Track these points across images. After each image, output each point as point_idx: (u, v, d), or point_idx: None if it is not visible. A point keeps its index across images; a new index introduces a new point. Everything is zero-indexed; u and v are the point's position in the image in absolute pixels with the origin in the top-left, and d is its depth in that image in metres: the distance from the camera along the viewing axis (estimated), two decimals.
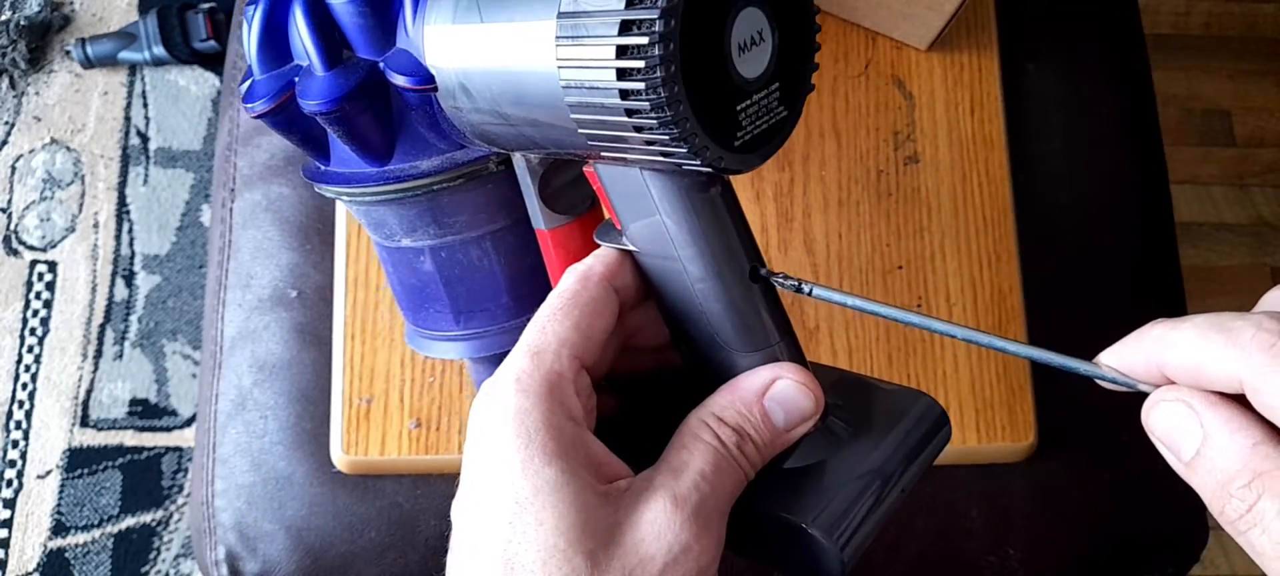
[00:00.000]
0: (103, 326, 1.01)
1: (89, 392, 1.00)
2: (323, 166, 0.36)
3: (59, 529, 0.96)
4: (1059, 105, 0.56)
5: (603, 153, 0.27)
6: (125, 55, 1.06)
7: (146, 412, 0.99)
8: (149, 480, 0.97)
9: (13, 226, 1.04)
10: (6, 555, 0.96)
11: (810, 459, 0.28)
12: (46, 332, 1.01)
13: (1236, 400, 0.22)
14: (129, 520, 0.96)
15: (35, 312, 1.02)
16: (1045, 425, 0.50)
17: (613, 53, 0.24)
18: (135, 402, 0.99)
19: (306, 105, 0.32)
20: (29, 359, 1.01)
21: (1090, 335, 0.54)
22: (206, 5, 1.05)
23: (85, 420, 0.99)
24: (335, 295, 0.50)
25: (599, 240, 0.31)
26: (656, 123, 0.24)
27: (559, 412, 0.25)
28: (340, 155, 0.36)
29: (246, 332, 0.52)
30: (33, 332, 1.01)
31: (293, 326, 0.52)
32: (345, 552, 0.49)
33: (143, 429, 0.99)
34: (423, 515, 0.49)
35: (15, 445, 0.98)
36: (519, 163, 0.32)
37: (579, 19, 0.25)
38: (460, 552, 0.25)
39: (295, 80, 0.33)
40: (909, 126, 0.53)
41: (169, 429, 0.99)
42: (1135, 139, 0.57)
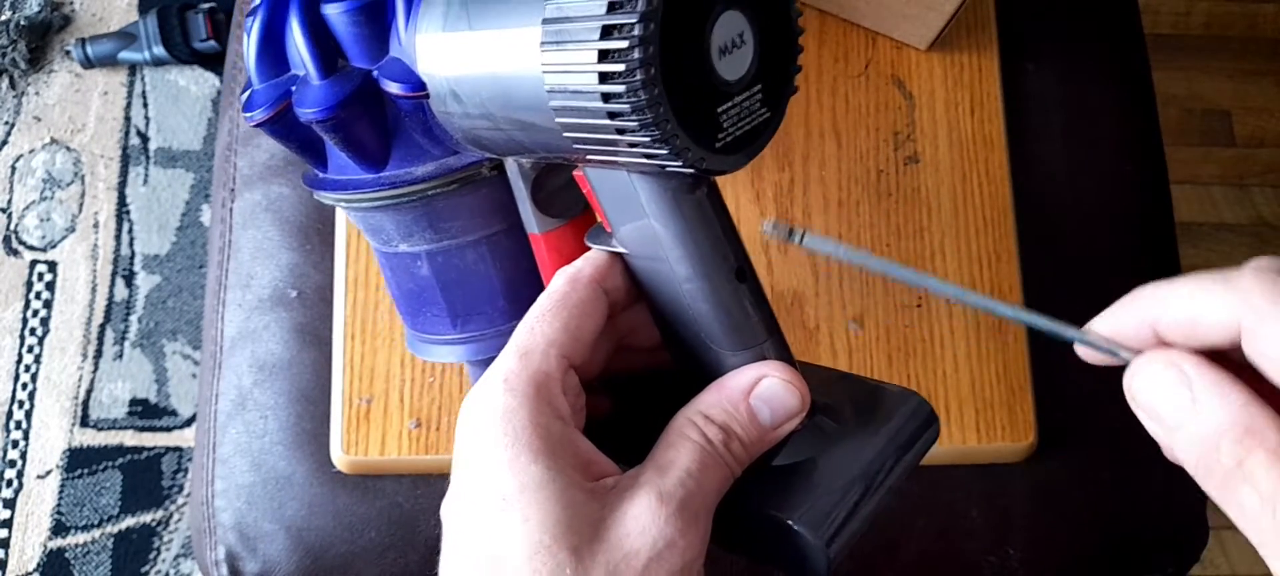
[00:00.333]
0: (103, 326, 1.01)
1: (89, 392, 1.00)
2: (320, 174, 0.37)
3: (59, 529, 0.96)
4: (1059, 105, 0.56)
5: (589, 155, 0.27)
6: (125, 55, 1.06)
7: (146, 412, 0.99)
8: (149, 480, 0.97)
9: (13, 226, 1.04)
10: (6, 555, 0.96)
11: (798, 456, 0.28)
12: (46, 332, 1.01)
13: (1222, 363, 0.23)
14: (129, 520, 0.96)
15: (35, 312, 1.02)
16: (1045, 425, 0.50)
17: (595, 56, 0.24)
18: (135, 402, 1.00)
19: (303, 114, 0.33)
20: (29, 359, 1.01)
21: None
22: (206, 5, 1.05)
23: (85, 420, 0.99)
24: (335, 295, 0.50)
25: (590, 243, 0.31)
26: (638, 125, 0.24)
27: (546, 411, 0.25)
28: (337, 162, 0.36)
29: (246, 333, 0.52)
30: (33, 332, 1.01)
31: (293, 326, 0.52)
32: (345, 552, 0.49)
33: (143, 429, 0.99)
34: (423, 515, 0.49)
35: (15, 445, 0.98)
36: (511, 167, 0.33)
37: (562, 24, 0.25)
38: (449, 550, 0.26)
39: (292, 89, 0.34)
40: (909, 126, 0.53)
41: (169, 429, 0.99)
42: (1135, 139, 0.57)
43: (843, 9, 0.54)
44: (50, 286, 1.03)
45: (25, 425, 0.99)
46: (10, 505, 0.97)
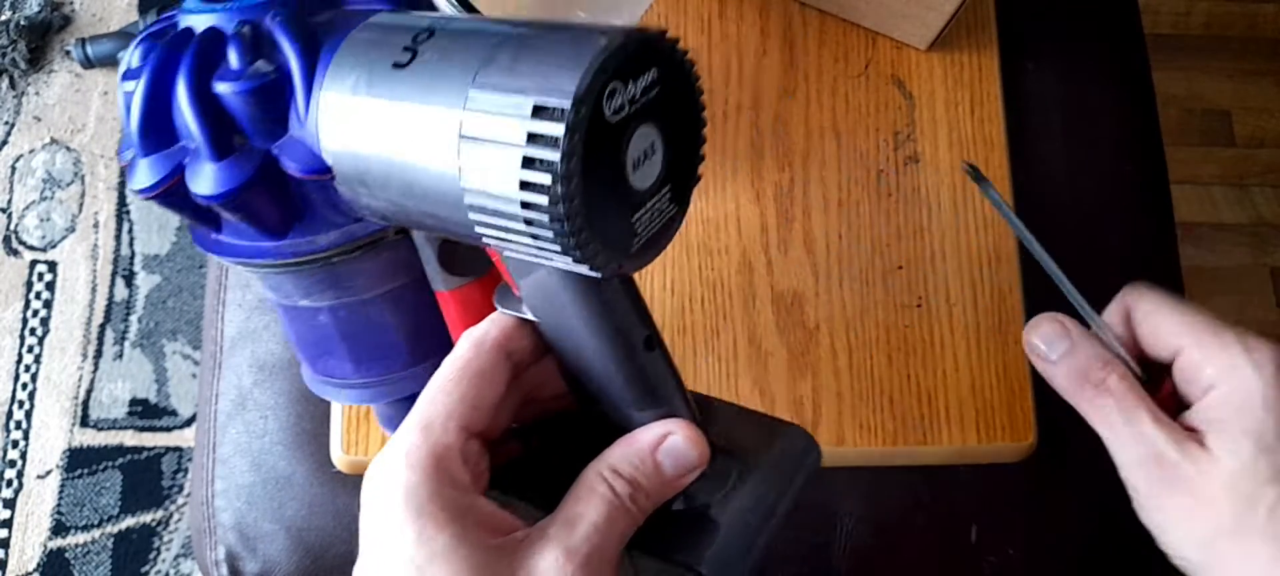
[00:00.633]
0: (103, 326, 1.01)
1: (89, 392, 1.00)
2: (214, 235, 0.35)
3: (59, 529, 0.96)
4: (1059, 105, 0.56)
5: (503, 250, 0.27)
6: (124, 56, 1.06)
7: (146, 412, 0.99)
8: (149, 480, 0.98)
9: (13, 226, 1.04)
10: (6, 555, 0.96)
11: (696, 500, 0.30)
12: (46, 332, 1.01)
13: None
14: (129, 520, 0.97)
15: (35, 312, 1.02)
16: (1045, 425, 0.50)
17: (517, 162, 0.24)
18: (135, 402, 1.00)
19: (198, 194, 0.30)
20: (29, 359, 1.01)
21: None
22: None
23: (85, 420, 0.99)
24: None
25: (498, 305, 0.31)
26: (555, 235, 0.25)
27: (446, 483, 0.26)
28: (233, 228, 0.34)
29: (246, 332, 0.52)
30: (33, 332, 1.01)
31: None
32: (345, 552, 0.49)
33: (143, 429, 0.99)
34: None
35: (15, 445, 0.99)
36: (418, 235, 0.33)
37: (482, 123, 0.25)
38: None
39: (184, 163, 0.31)
40: (909, 126, 0.53)
41: (169, 429, 0.99)
42: (1135, 139, 0.58)
43: (843, 9, 0.54)
44: (50, 286, 1.03)
45: (25, 425, 0.99)
46: (10, 505, 0.97)
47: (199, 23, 0.31)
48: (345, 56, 0.28)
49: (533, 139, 0.24)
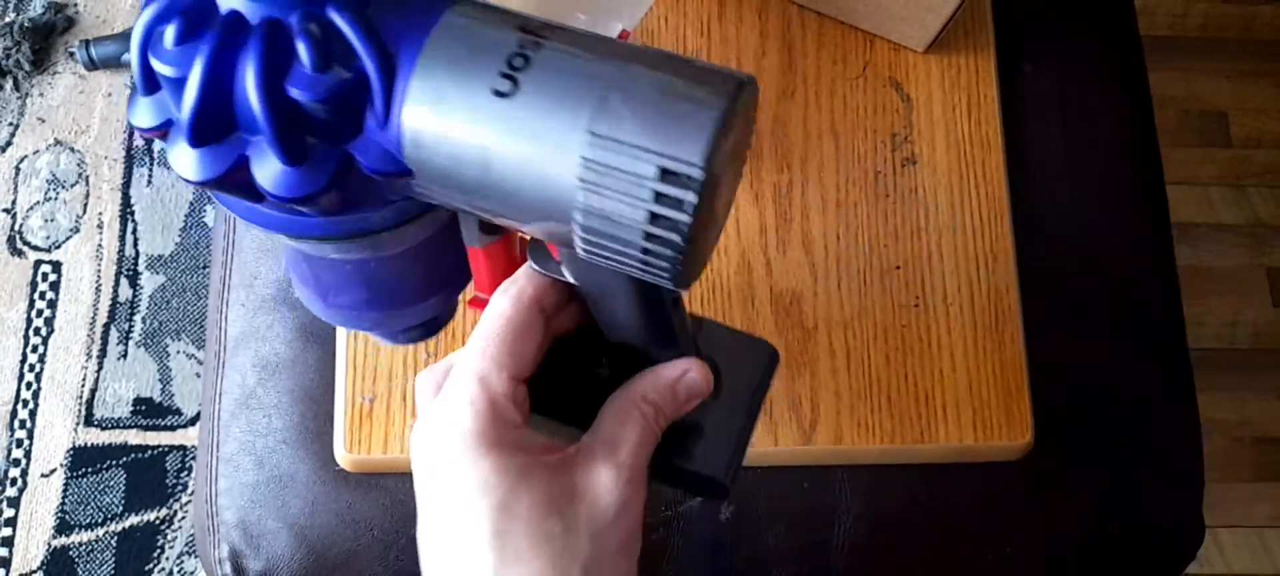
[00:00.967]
0: (107, 326, 1.02)
1: (93, 392, 1.00)
2: (253, 207, 0.33)
3: (63, 527, 0.97)
4: (1056, 106, 0.56)
5: (598, 261, 0.29)
6: (129, 57, 1.06)
7: (150, 412, 1.00)
8: (153, 479, 0.98)
9: (17, 227, 1.05)
10: (11, 553, 0.96)
11: (694, 415, 0.36)
12: (51, 332, 1.02)
13: None
14: (133, 518, 0.97)
15: (40, 312, 1.02)
16: (1042, 424, 0.51)
17: (644, 218, 0.25)
18: (139, 402, 1.00)
19: (269, 193, 0.29)
20: (33, 358, 1.01)
21: (1087, 335, 0.54)
22: None
23: (89, 419, 0.99)
24: None
25: (533, 264, 0.33)
26: (669, 268, 0.27)
27: (507, 424, 0.31)
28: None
29: (250, 332, 0.53)
30: (37, 332, 1.02)
31: (296, 325, 0.52)
32: (348, 550, 0.49)
33: (146, 428, 0.99)
34: None
35: (20, 444, 0.99)
36: None
37: (604, 176, 0.25)
38: (447, 549, 0.30)
39: (246, 155, 0.29)
40: (906, 128, 0.54)
41: (173, 428, 0.99)
42: (1132, 140, 0.58)
43: (841, 11, 0.54)
44: (55, 286, 1.03)
45: (30, 424, 1.00)
46: (15, 504, 0.97)
47: (249, 9, 0.28)
48: (431, 70, 0.27)
49: (661, 198, 0.25)
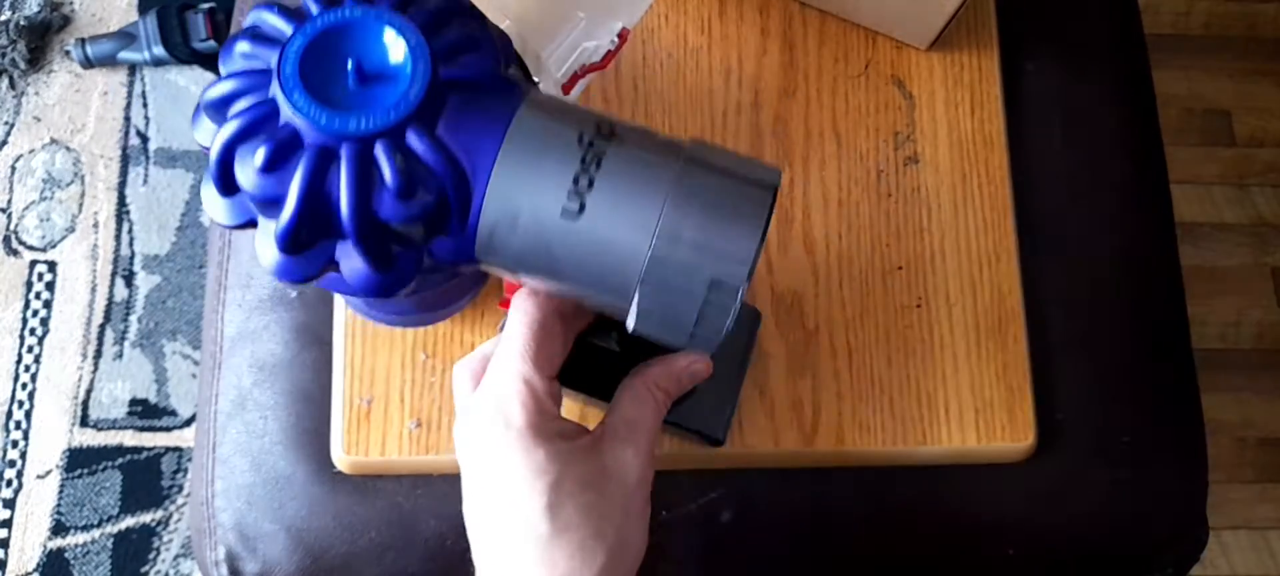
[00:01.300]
0: (103, 326, 1.01)
1: (89, 392, 1.00)
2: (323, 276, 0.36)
3: (59, 529, 0.96)
4: (1059, 105, 0.56)
5: (636, 331, 0.33)
6: (125, 55, 1.06)
7: (146, 412, 0.99)
8: (149, 480, 0.98)
9: (12, 226, 1.04)
10: (6, 555, 0.96)
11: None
12: (46, 333, 1.01)
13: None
14: (129, 520, 0.97)
15: (35, 313, 1.02)
16: (1044, 425, 0.50)
17: (692, 317, 0.31)
18: (135, 402, 1.00)
19: (355, 288, 0.32)
20: (29, 359, 1.01)
21: (1090, 335, 0.54)
22: (206, 5, 1.05)
23: (85, 420, 0.99)
24: (335, 295, 0.50)
25: None
26: (707, 348, 0.32)
27: (550, 416, 0.36)
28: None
29: (246, 332, 0.52)
30: (32, 333, 1.01)
31: (293, 326, 0.52)
32: (345, 553, 0.49)
33: (142, 429, 0.99)
34: (423, 515, 0.49)
35: (15, 445, 0.99)
36: None
37: (660, 286, 0.31)
38: (504, 522, 0.35)
39: (335, 259, 0.32)
40: (909, 126, 0.53)
41: (169, 429, 0.99)
42: (1135, 139, 0.57)
43: (843, 9, 0.54)
44: (50, 286, 1.03)
45: (25, 425, 0.99)
46: (10, 505, 0.97)
47: (333, 138, 0.30)
48: (503, 189, 0.31)
49: (708, 301, 0.30)
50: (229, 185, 0.31)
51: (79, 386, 1.00)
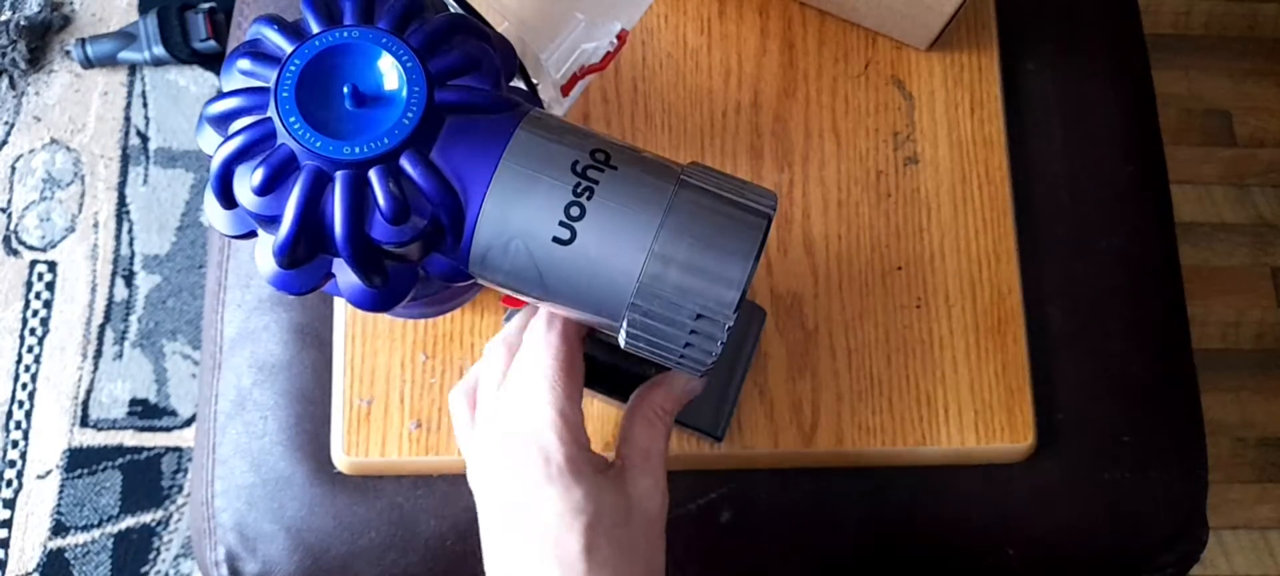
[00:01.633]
0: (103, 326, 1.01)
1: (89, 392, 1.00)
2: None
3: (59, 529, 0.96)
4: (1059, 105, 0.56)
5: (629, 347, 0.34)
6: (125, 55, 1.06)
7: (146, 413, 0.99)
8: (149, 480, 0.98)
9: (12, 226, 1.04)
10: (6, 555, 0.96)
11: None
12: (46, 333, 1.01)
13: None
14: (129, 520, 0.97)
15: (35, 313, 1.02)
16: (1044, 426, 0.50)
17: (681, 343, 0.31)
18: (135, 402, 1.00)
19: (351, 301, 0.33)
20: (29, 359, 1.01)
21: (1090, 335, 0.54)
22: (206, 5, 1.05)
23: (85, 420, 0.99)
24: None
25: None
26: (699, 371, 0.33)
27: (584, 446, 0.37)
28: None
29: (246, 333, 0.52)
30: (32, 333, 1.01)
31: (292, 327, 0.52)
32: (345, 553, 0.49)
33: (142, 429, 0.99)
34: (423, 516, 0.49)
35: (15, 445, 0.99)
36: None
37: (649, 313, 0.31)
38: (536, 561, 0.35)
39: (331, 273, 0.33)
40: (908, 127, 0.53)
41: (169, 429, 0.99)
42: (1135, 139, 0.57)
43: (842, 9, 0.53)
44: (50, 286, 1.03)
45: (25, 425, 0.99)
46: (10, 505, 0.97)
47: (327, 163, 0.31)
48: (498, 213, 0.31)
49: (695, 331, 0.31)
50: (229, 199, 0.32)
51: (79, 386, 1.00)
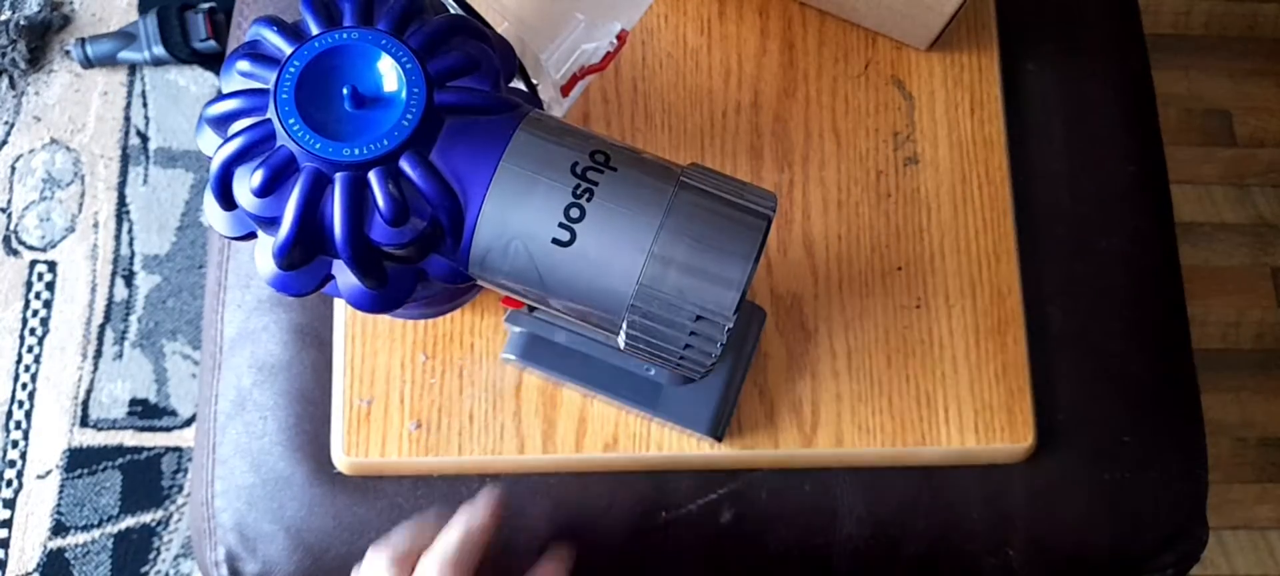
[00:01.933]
0: (102, 326, 1.01)
1: (89, 392, 1.00)
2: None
3: (59, 529, 0.96)
4: (1059, 105, 0.56)
5: (627, 351, 0.34)
6: (125, 55, 1.06)
7: (146, 413, 0.99)
8: (149, 480, 0.98)
9: (12, 226, 1.04)
10: (6, 555, 0.96)
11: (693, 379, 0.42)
12: (46, 333, 1.01)
13: None
14: (129, 520, 0.97)
15: (35, 313, 1.02)
16: (1044, 426, 0.50)
17: (681, 345, 0.31)
18: (135, 402, 1.00)
19: (350, 302, 0.33)
20: (29, 359, 1.01)
21: (1090, 336, 0.54)
22: (206, 5, 1.05)
23: (85, 420, 0.99)
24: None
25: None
26: (698, 373, 0.32)
27: None
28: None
29: (246, 333, 0.52)
30: (32, 333, 1.01)
31: (292, 327, 0.52)
32: (345, 553, 0.49)
33: (142, 429, 0.99)
34: (422, 516, 0.49)
35: (15, 445, 0.99)
36: None
37: (648, 315, 0.31)
38: None
39: (331, 274, 0.33)
40: (909, 127, 0.53)
41: (169, 429, 0.99)
42: (1135, 139, 0.57)
43: (842, 9, 0.53)
44: (50, 286, 1.03)
45: (25, 425, 0.99)
46: (10, 505, 0.97)
47: (327, 165, 0.30)
48: (497, 215, 0.31)
49: (695, 332, 0.31)
50: (229, 201, 0.32)
51: (79, 386, 1.00)
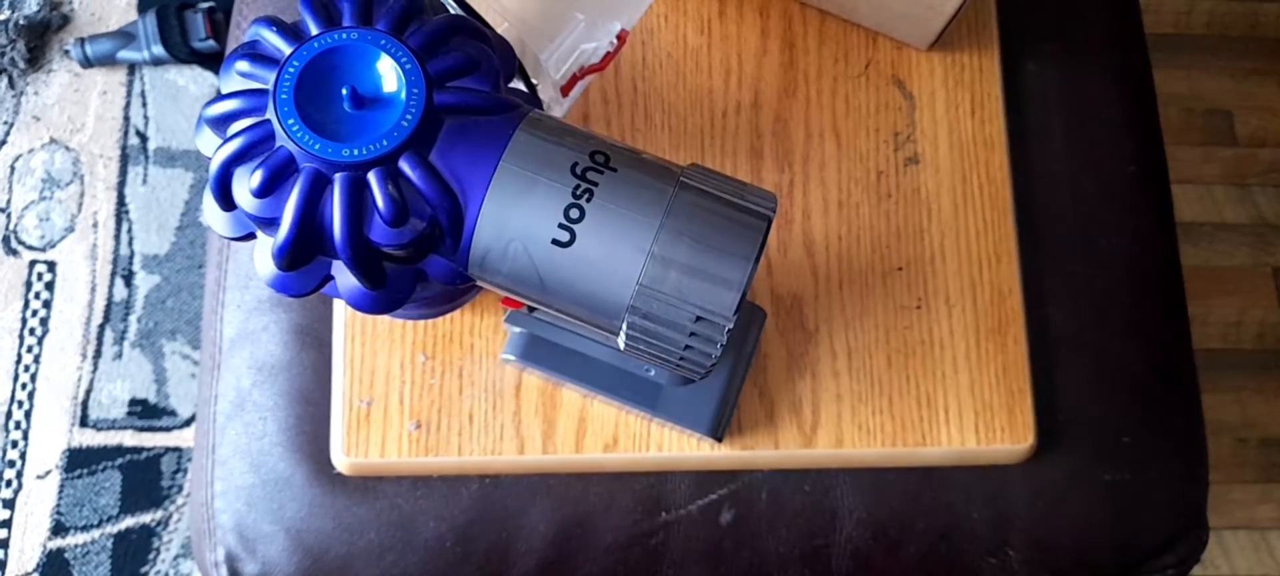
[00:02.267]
0: (102, 326, 1.01)
1: (88, 393, 1.00)
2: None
3: (58, 529, 0.96)
4: (1059, 105, 0.56)
5: (627, 352, 0.34)
6: (124, 55, 1.05)
7: (146, 413, 0.99)
8: (148, 480, 0.97)
9: (12, 226, 1.04)
10: (6, 555, 0.96)
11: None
12: (46, 333, 1.01)
13: None
14: (128, 520, 0.96)
15: (34, 313, 1.02)
16: (1044, 427, 0.50)
17: (681, 347, 0.31)
18: (135, 403, 0.99)
19: (350, 303, 0.33)
20: (28, 359, 1.01)
21: (1090, 335, 0.54)
22: (205, 5, 1.05)
23: (84, 420, 0.99)
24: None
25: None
26: (698, 374, 0.33)
27: None
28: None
29: (246, 333, 0.52)
30: (32, 333, 1.01)
31: (292, 327, 0.52)
32: (344, 554, 0.49)
33: (142, 429, 0.99)
34: (422, 516, 0.49)
35: (15, 445, 0.98)
36: None
37: (648, 317, 0.31)
38: None
39: (331, 274, 0.33)
40: (909, 127, 0.53)
41: (168, 429, 0.99)
42: (1136, 139, 0.57)
43: (843, 9, 0.53)
44: (49, 286, 1.03)
45: (25, 425, 0.99)
46: (10, 505, 0.97)
47: (326, 165, 0.30)
48: (497, 216, 0.31)
49: (695, 333, 0.31)
50: (228, 201, 0.32)
51: (79, 386, 1.00)
